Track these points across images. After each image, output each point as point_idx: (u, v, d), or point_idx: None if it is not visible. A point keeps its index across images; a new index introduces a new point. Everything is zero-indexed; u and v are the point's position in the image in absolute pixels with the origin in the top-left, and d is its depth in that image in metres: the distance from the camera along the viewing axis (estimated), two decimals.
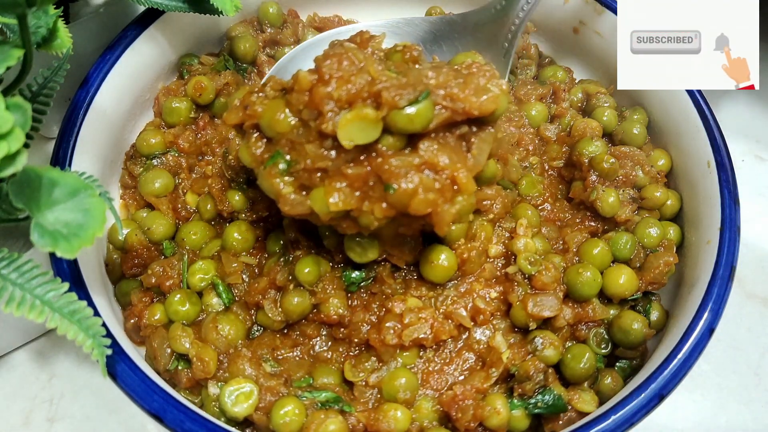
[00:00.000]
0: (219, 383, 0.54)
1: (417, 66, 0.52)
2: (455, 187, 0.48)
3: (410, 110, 0.45)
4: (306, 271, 0.56)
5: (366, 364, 0.56)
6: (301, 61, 0.70)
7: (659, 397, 0.50)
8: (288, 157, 0.49)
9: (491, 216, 0.61)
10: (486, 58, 0.64)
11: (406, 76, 0.48)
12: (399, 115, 0.45)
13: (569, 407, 0.54)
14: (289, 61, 0.71)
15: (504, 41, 0.69)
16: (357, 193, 0.48)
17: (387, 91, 0.45)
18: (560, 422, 0.54)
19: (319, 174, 0.48)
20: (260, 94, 0.51)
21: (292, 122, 0.49)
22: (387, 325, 0.55)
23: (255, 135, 0.51)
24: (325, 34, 0.73)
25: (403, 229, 0.52)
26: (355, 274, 0.58)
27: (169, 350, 0.56)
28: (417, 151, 0.47)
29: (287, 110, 0.49)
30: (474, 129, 0.50)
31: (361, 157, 0.47)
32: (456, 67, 0.51)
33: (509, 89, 0.50)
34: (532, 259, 0.58)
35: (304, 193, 0.50)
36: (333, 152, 0.48)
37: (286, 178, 0.50)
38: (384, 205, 0.47)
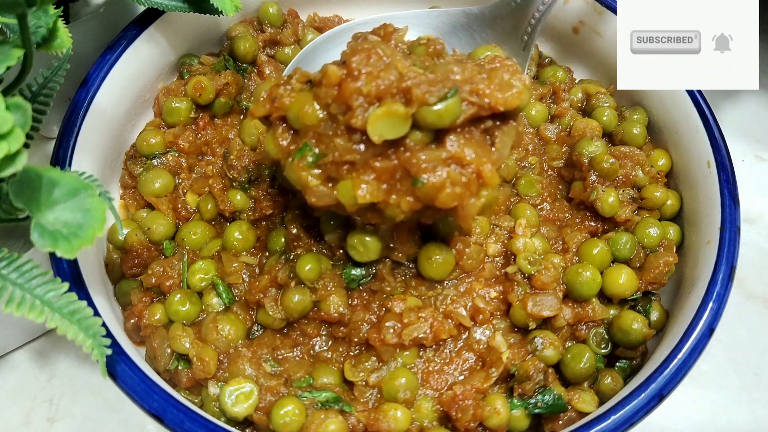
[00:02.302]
0: (219, 383, 0.54)
1: (441, 60, 0.52)
2: (480, 181, 0.48)
3: (439, 107, 0.46)
4: (307, 268, 0.56)
5: (366, 363, 0.56)
6: (322, 53, 0.71)
7: (659, 397, 0.50)
8: (316, 150, 0.49)
9: None
10: (505, 51, 0.64)
11: (433, 71, 0.48)
12: (428, 112, 0.46)
13: (569, 407, 0.54)
14: (311, 51, 0.71)
15: (523, 35, 0.69)
16: (384, 186, 0.48)
17: (417, 88, 0.45)
18: (560, 422, 0.54)
19: (346, 166, 0.49)
20: (287, 87, 0.51)
21: (320, 115, 0.49)
22: (387, 324, 0.55)
23: (282, 127, 0.52)
24: (347, 24, 0.73)
25: (424, 219, 0.52)
26: (356, 271, 0.58)
27: (169, 350, 0.56)
28: (444, 145, 0.47)
29: (315, 103, 0.49)
30: (497, 123, 0.50)
31: (389, 151, 0.48)
32: (479, 61, 0.51)
33: (531, 83, 0.51)
34: (532, 259, 0.58)
35: (330, 184, 0.50)
36: (361, 146, 0.48)
37: (314, 171, 0.50)
38: (410, 198, 0.48)
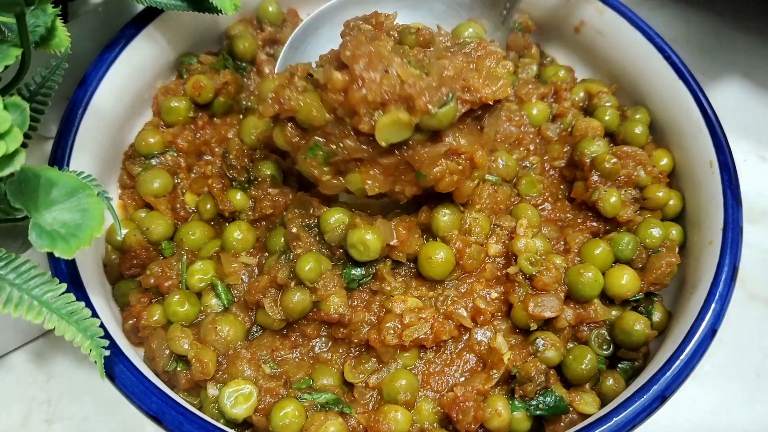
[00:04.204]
0: (218, 384, 0.54)
1: (430, 49, 0.57)
2: (473, 165, 0.55)
3: (439, 112, 0.51)
4: (307, 268, 0.55)
5: (366, 365, 0.55)
6: (313, 33, 0.71)
7: (661, 398, 0.50)
8: (326, 149, 0.55)
9: (478, 207, 0.61)
10: (485, 25, 0.70)
11: (428, 72, 0.52)
12: (430, 118, 0.51)
13: (571, 409, 0.54)
14: (302, 32, 0.70)
15: (503, 8, 0.72)
16: (389, 178, 0.55)
17: (419, 98, 0.50)
18: (562, 424, 0.54)
19: (354, 162, 0.54)
20: (292, 87, 0.55)
21: (328, 117, 0.53)
22: (387, 325, 0.55)
23: (290, 125, 0.56)
24: (333, 3, 0.71)
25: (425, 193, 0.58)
26: (356, 271, 0.57)
27: (167, 351, 0.56)
28: (442, 140, 0.53)
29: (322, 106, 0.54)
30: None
31: (393, 149, 0.53)
32: (465, 49, 0.57)
33: (512, 67, 0.58)
34: (533, 260, 0.58)
35: (340, 177, 0.56)
36: (368, 146, 0.53)
37: (324, 167, 0.56)
38: (414, 187, 0.56)
